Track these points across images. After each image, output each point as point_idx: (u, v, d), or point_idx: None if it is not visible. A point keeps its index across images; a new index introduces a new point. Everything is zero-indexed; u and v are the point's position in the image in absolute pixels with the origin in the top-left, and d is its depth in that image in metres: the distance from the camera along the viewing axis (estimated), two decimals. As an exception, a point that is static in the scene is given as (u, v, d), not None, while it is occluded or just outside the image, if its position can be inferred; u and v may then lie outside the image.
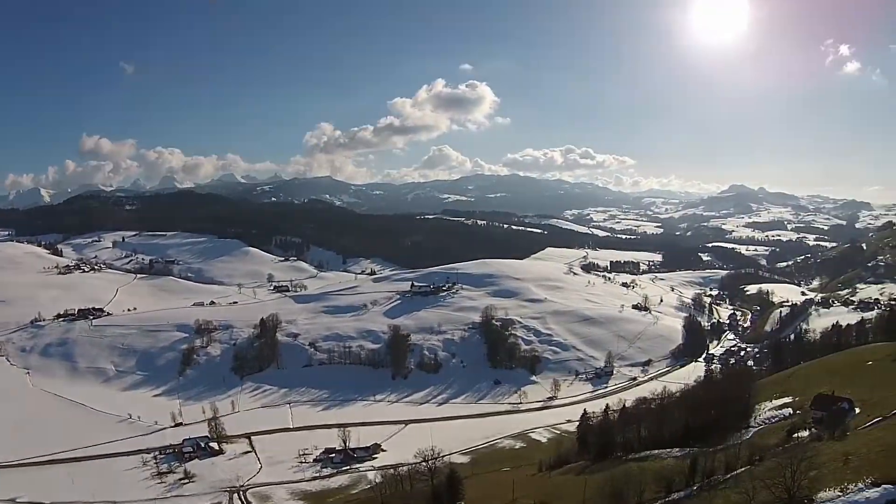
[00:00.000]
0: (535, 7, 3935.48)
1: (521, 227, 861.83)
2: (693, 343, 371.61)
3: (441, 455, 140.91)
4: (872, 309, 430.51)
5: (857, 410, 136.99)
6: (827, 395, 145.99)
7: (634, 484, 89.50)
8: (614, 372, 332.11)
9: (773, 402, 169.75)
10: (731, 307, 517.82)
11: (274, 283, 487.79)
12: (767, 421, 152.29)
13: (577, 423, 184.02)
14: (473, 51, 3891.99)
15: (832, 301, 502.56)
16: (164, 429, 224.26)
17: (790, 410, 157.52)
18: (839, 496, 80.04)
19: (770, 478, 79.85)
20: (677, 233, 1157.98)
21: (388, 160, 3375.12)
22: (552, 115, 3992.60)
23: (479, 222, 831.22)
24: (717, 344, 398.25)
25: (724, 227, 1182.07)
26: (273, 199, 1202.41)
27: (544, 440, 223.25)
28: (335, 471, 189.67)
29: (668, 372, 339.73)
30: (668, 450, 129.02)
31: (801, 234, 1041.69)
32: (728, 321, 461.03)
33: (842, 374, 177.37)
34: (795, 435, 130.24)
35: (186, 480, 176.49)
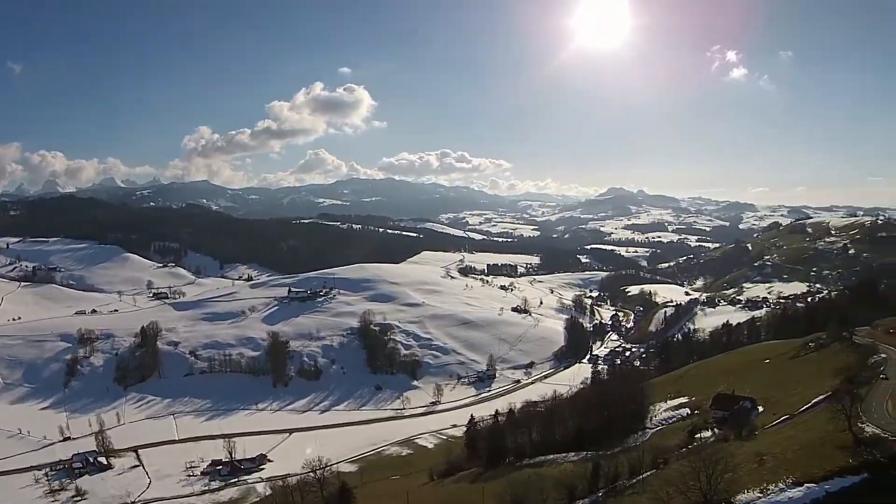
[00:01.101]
0: (415, 10, 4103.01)
1: (396, 231, 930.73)
2: (576, 344, 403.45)
3: (329, 464, 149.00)
4: (761, 307, 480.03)
5: (761, 409, 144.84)
6: (727, 394, 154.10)
7: (535, 491, 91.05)
8: (497, 375, 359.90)
9: (669, 402, 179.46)
10: (612, 308, 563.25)
11: (153, 290, 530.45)
12: (665, 422, 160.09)
13: (465, 428, 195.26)
14: (353, 54, 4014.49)
15: (718, 300, 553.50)
16: (53, 443, 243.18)
17: (688, 410, 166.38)
18: (759, 498, 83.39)
19: (684, 482, 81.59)
20: (554, 235, 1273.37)
21: (265, 164, 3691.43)
22: (429, 119, 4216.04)
23: (355, 226, 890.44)
24: (601, 345, 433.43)
25: (602, 229, 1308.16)
26: (152, 203, 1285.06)
27: (431, 446, 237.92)
28: (223, 484, 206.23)
29: (552, 374, 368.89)
30: (564, 454, 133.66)
31: (683, 236, 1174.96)
32: (610, 322, 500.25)
33: (738, 373, 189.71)
34: (698, 435, 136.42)
35: (79, 498, 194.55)
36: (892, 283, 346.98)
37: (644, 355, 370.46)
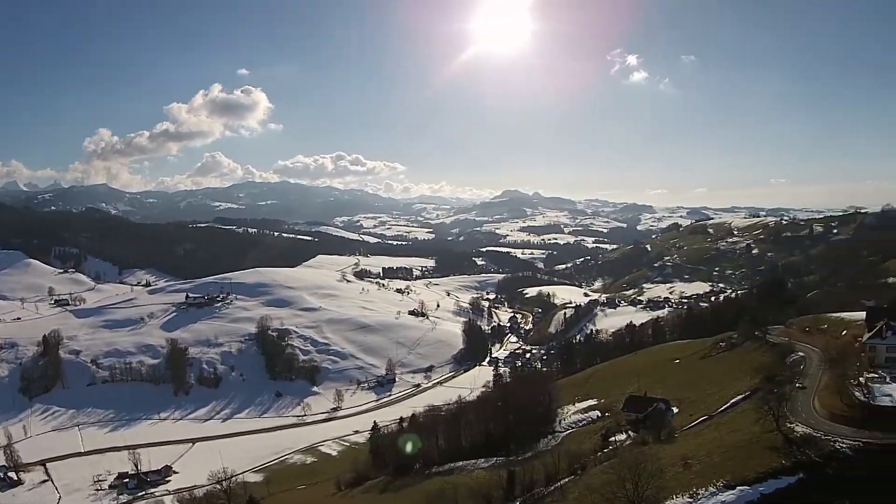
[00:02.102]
0: (313, 11, 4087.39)
1: (292, 235, 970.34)
2: (474, 347, 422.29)
3: (234, 475, 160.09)
4: (663, 307, 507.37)
5: (675, 410, 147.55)
6: (639, 396, 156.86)
7: (450, 502, 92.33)
8: (397, 379, 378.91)
9: (578, 404, 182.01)
10: (510, 310, 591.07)
11: (55, 297, 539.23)
12: (575, 425, 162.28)
13: (368, 433, 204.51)
14: (252, 55, 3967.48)
15: (619, 301, 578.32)
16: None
17: (598, 413, 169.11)
18: (690, 503, 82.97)
19: (609, 489, 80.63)
20: (449, 238, 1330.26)
21: (163, 167, 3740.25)
22: (325, 122, 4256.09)
23: (251, 230, 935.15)
24: (500, 347, 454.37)
25: (497, 231, 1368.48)
26: (53, 207, 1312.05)
27: (335, 454, 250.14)
28: (131, 497, 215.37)
29: (452, 377, 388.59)
30: (474, 461, 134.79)
31: (580, 237, 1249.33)
32: (509, 324, 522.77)
33: (648, 374, 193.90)
34: (612, 438, 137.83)
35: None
36: (797, 282, 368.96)
37: (545, 357, 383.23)
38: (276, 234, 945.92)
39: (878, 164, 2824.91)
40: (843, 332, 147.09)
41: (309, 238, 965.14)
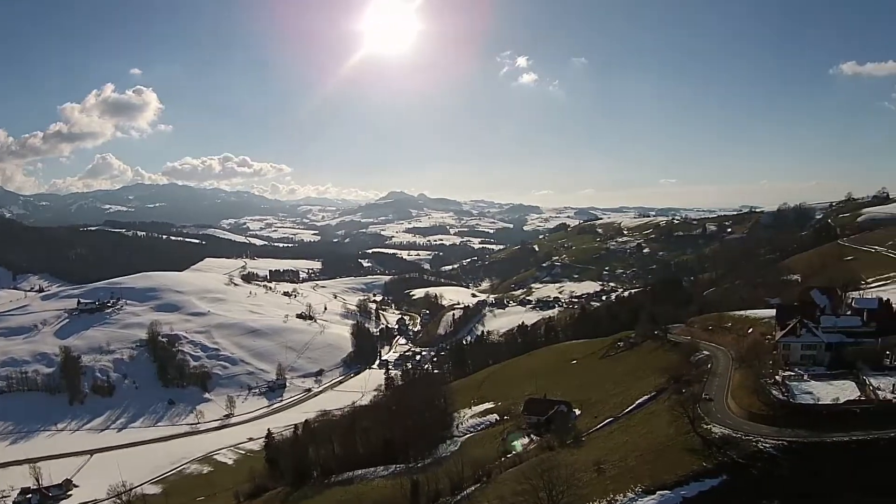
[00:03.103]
0: (203, 10, 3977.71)
1: (180, 238, 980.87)
2: (364, 350, 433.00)
3: (133, 487, 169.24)
4: (553, 307, 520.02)
5: (578, 412, 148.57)
6: (539, 398, 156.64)
7: None
8: (287, 384, 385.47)
9: (474, 408, 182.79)
10: (398, 312, 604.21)
11: None
12: (473, 429, 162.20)
13: (263, 441, 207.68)
14: (144, 53, 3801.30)
15: (508, 301, 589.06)
16: None
17: (496, 416, 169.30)
18: None
19: (523, 498, 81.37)
20: (335, 240, 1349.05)
21: (57, 169, 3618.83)
22: (214, 123, 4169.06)
23: (140, 234, 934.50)
24: (390, 349, 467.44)
25: (383, 233, 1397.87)
26: None
27: (231, 462, 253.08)
28: None
29: (342, 381, 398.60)
30: (373, 469, 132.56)
31: (466, 238, 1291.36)
32: (397, 326, 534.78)
33: (545, 375, 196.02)
34: (515, 443, 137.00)
35: None
36: (693, 281, 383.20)
37: (436, 359, 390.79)
38: (164, 237, 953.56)
39: (773, 165, 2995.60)
40: (750, 330, 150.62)
41: (197, 241, 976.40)
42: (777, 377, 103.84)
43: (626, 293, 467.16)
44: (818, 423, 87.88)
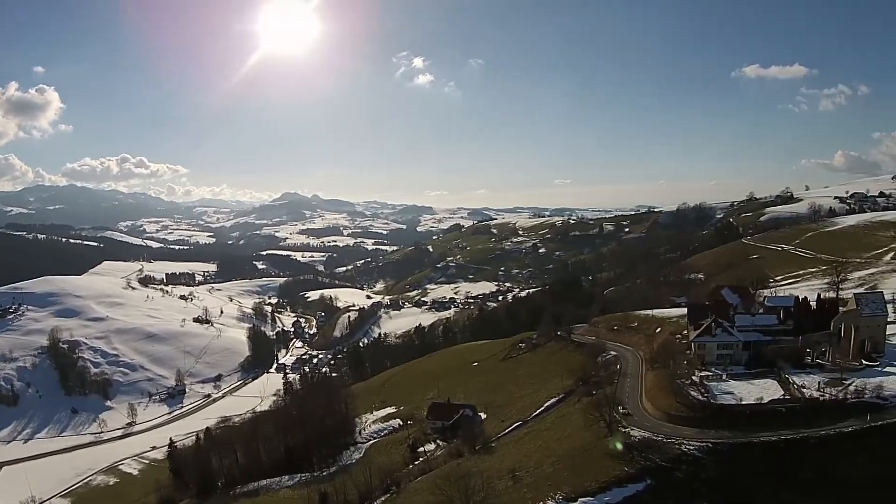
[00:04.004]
0: (103, 9, 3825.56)
1: (79, 241, 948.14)
2: (261, 353, 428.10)
3: (43, 502, 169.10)
4: (449, 308, 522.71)
5: (483, 416, 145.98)
6: (443, 402, 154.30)
7: None
8: (187, 390, 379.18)
9: (376, 413, 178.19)
10: (293, 314, 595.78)
11: None
12: (377, 434, 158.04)
13: (166, 449, 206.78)
14: (48, 50, 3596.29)
15: (403, 302, 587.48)
16: None
17: (399, 421, 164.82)
18: None
19: None
20: (230, 242, 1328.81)
21: None
22: (113, 123, 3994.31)
23: (40, 236, 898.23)
24: (286, 353, 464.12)
25: (277, 234, 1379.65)
26: None
27: (136, 472, 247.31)
28: None
29: (240, 386, 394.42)
30: (278, 479, 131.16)
31: (359, 239, 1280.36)
32: (293, 329, 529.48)
33: (446, 378, 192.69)
34: (421, 449, 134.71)
35: None
36: (592, 280, 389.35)
37: (333, 362, 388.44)
38: (63, 240, 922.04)
39: (670, 165, 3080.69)
40: (657, 330, 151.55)
41: (95, 244, 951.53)
42: (694, 377, 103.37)
43: (523, 293, 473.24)
44: (743, 423, 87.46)
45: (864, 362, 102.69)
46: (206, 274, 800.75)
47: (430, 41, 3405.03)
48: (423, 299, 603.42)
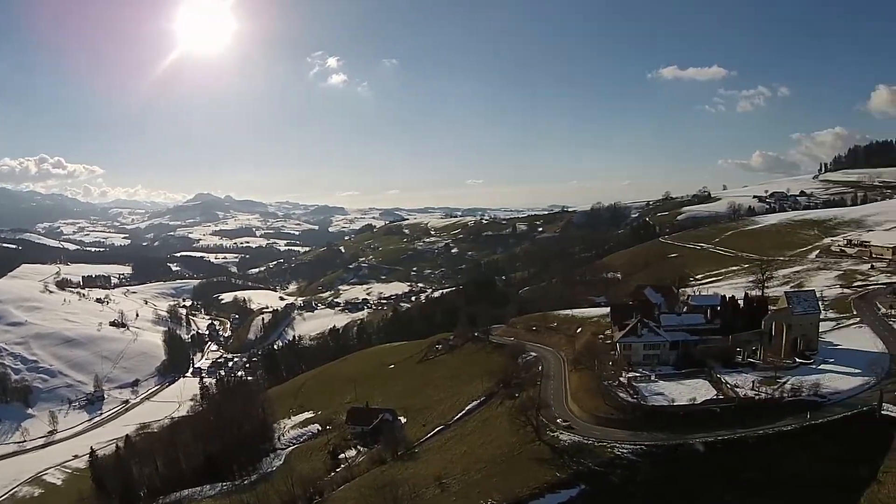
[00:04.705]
0: (19, 6, 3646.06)
1: None
2: (177, 357, 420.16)
3: None
4: (362, 309, 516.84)
5: (403, 420, 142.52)
6: (362, 407, 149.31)
7: None
8: (105, 396, 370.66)
9: (294, 418, 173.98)
10: (208, 317, 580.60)
11: None
12: (296, 440, 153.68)
13: (87, 458, 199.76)
14: None
15: (316, 304, 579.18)
16: None
17: (318, 426, 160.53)
18: None
19: None
20: (145, 243, 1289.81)
21: None
22: (30, 122, 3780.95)
23: None
24: (202, 356, 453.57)
25: (191, 235, 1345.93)
26: None
27: (60, 483, 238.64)
28: None
29: (158, 391, 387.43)
30: (199, 488, 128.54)
31: (272, 240, 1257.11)
32: (208, 332, 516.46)
33: (363, 381, 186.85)
34: (342, 456, 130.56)
35: None
36: (506, 280, 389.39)
37: (248, 365, 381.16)
38: None
39: (583, 165, 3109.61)
40: (578, 330, 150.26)
41: (13, 246, 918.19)
42: (622, 379, 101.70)
43: (436, 294, 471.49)
44: (676, 424, 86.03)
45: (797, 360, 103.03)
46: (121, 276, 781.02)
47: (345, 41, 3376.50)
48: (336, 300, 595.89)
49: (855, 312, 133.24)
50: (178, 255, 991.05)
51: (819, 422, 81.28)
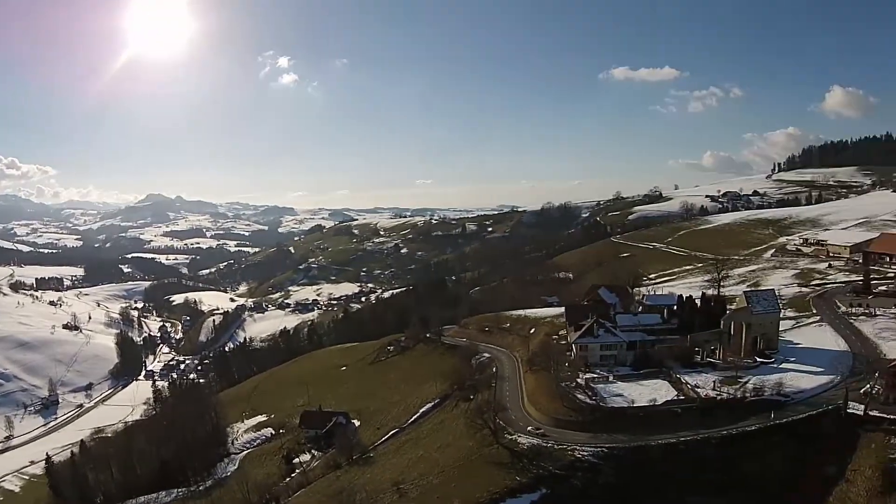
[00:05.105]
0: None
1: None
2: (129, 360, 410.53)
3: None
4: (312, 310, 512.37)
5: (357, 423, 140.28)
6: (315, 410, 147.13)
7: None
8: (60, 400, 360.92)
9: (247, 421, 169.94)
10: (159, 319, 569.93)
11: None
12: (249, 444, 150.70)
13: (43, 465, 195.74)
14: None
15: (266, 305, 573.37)
16: None
17: (271, 430, 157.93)
18: None
19: None
20: (97, 245, 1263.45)
21: None
22: None
23: None
24: (154, 359, 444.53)
25: (142, 237, 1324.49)
26: None
27: (18, 490, 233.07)
28: None
29: (111, 394, 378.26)
30: (154, 495, 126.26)
31: (222, 241, 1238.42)
32: (160, 334, 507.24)
33: (315, 384, 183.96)
34: (296, 460, 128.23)
35: None
36: (457, 280, 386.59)
37: (200, 367, 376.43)
38: None
39: (533, 165, 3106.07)
40: (532, 331, 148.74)
41: None
42: (579, 380, 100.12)
43: (386, 294, 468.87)
44: (637, 426, 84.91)
45: (758, 360, 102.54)
46: (73, 278, 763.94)
47: (297, 40, 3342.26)
48: (286, 301, 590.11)
49: (814, 311, 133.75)
50: (130, 256, 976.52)
51: (783, 421, 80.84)
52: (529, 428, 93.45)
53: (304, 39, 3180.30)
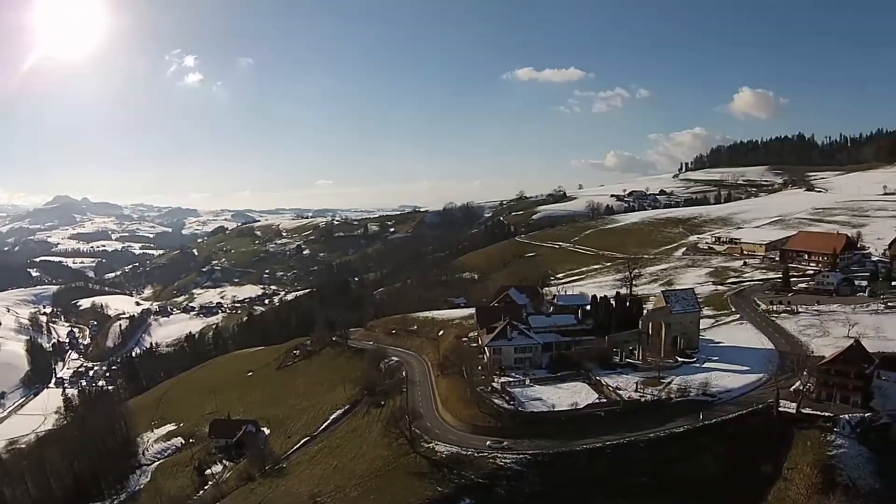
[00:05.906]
0: None
1: None
2: (40, 367, 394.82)
3: None
4: (216, 313, 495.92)
5: (267, 432, 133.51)
6: (223, 418, 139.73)
7: None
8: None
9: (157, 431, 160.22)
10: (67, 324, 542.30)
11: None
12: (160, 455, 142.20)
13: None
14: None
15: (172, 309, 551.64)
16: None
17: (181, 440, 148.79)
18: None
19: None
20: (5, 248, 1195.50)
21: None
22: None
23: None
24: (64, 366, 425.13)
25: (50, 239, 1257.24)
26: None
27: None
28: None
29: (24, 403, 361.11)
30: None
31: (127, 244, 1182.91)
32: (68, 339, 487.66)
33: (223, 390, 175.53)
34: (209, 472, 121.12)
35: None
36: (356, 281, 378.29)
37: (108, 374, 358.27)
38: None
39: (433, 165, 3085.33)
40: (441, 333, 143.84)
41: None
42: (495, 384, 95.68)
43: (289, 296, 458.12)
44: (559, 431, 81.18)
45: (679, 360, 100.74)
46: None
47: (203, 38, 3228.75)
48: (190, 305, 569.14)
49: (734, 309, 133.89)
50: (38, 260, 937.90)
51: (713, 421, 78.83)
52: (488, 441, 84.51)
53: (210, 38, 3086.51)
